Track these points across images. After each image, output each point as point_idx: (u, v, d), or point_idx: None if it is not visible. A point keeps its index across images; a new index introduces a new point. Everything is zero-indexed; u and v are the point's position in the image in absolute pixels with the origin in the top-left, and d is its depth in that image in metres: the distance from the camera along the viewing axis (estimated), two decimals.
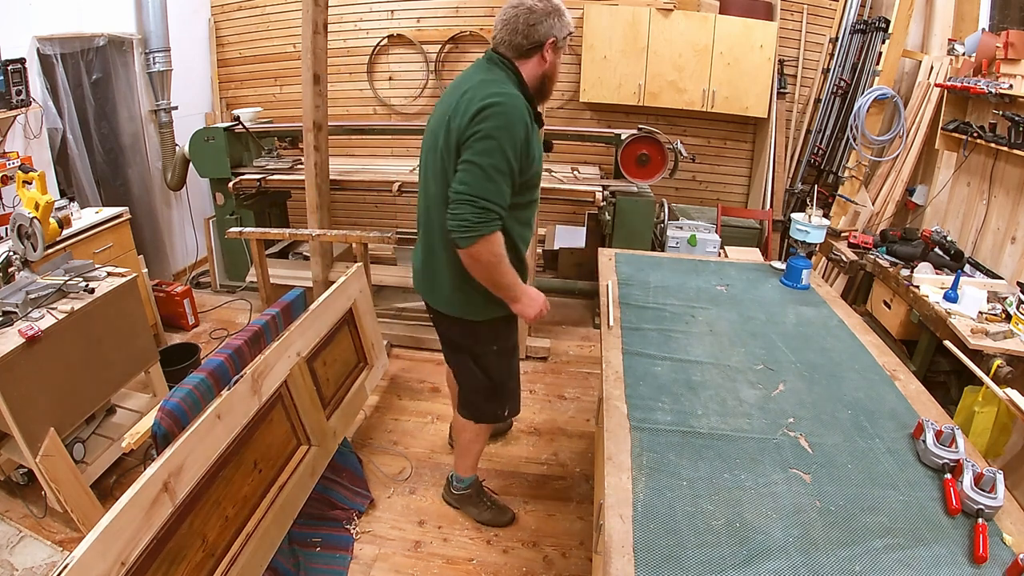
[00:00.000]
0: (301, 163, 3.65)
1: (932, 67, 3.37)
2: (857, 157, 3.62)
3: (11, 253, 2.25)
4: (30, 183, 2.34)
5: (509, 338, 1.85)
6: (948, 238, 2.86)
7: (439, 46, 4.41)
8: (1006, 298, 2.32)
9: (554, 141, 4.16)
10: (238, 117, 3.80)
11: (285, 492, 1.83)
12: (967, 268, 2.78)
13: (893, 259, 2.96)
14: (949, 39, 3.26)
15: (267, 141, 4.00)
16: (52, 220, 2.35)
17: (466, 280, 1.61)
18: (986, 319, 2.24)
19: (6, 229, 2.35)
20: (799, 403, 1.41)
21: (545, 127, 2.09)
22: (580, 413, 2.84)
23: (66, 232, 2.73)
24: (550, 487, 2.36)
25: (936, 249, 2.85)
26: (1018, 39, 2.45)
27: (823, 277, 3.56)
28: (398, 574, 1.96)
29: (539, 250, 4.06)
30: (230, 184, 3.62)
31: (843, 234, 3.47)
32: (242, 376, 1.68)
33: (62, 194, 3.16)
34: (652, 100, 4.07)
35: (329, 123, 3.13)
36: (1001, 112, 2.60)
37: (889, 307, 2.86)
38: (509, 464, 2.48)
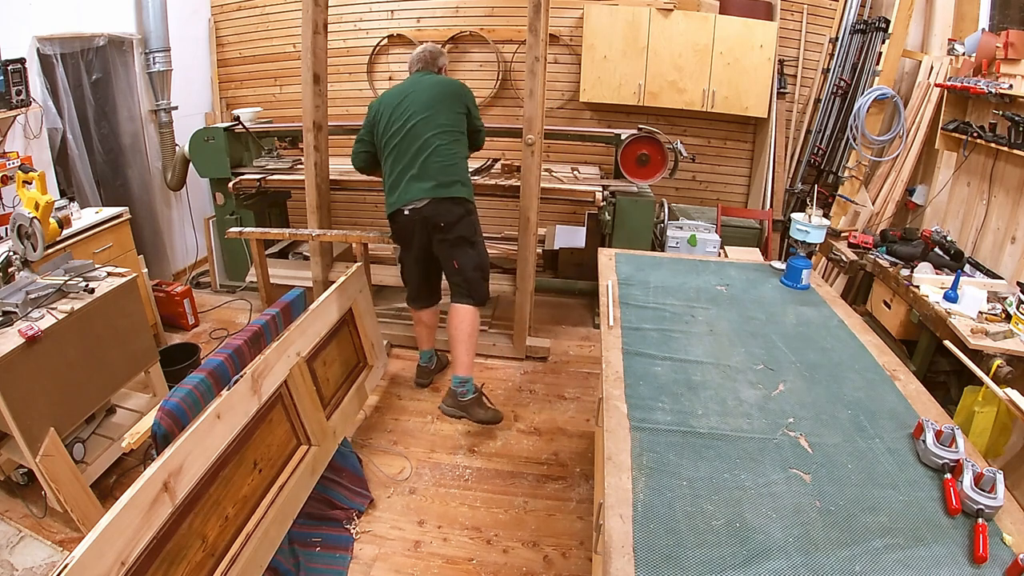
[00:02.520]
0: (301, 163, 3.65)
1: (932, 67, 3.37)
2: (857, 157, 3.62)
3: (11, 253, 2.25)
4: (30, 183, 2.34)
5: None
6: (948, 238, 2.86)
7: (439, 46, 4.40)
8: (1006, 298, 2.32)
9: (554, 141, 4.19)
10: (238, 117, 3.80)
11: (285, 492, 1.83)
12: (967, 268, 2.78)
13: (893, 259, 2.96)
14: (949, 39, 3.26)
15: (267, 141, 4.00)
16: (52, 220, 2.35)
17: (466, 172, 2.61)
18: (986, 319, 2.24)
19: (6, 229, 2.35)
20: (799, 403, 1.41)
21: (545, 127, 2.58)
22: (580, 413, 2.84)
23: (66, 232, 2.73)
24: (550, 487, 2.36)
25: (936, 249, 2.85)
26: (1018, 39, 2.45)
27: (823, 277, 3.57)
28: (398, 574, 1.96)
29: (539, 250, 4.06)
30: (230, 184, 3.62)
31: (843, 234, 3.46)
32: (242, 376, 1.68)
33: (62, 194, 3.16)
34: (652, 100, 4.06)
35: (329, 123, 3.13)
36: (1001, 112, 2.60)
37: (889, 307, 2.86)
38: (509, 464, 2.48)
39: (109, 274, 2.31)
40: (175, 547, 1.39)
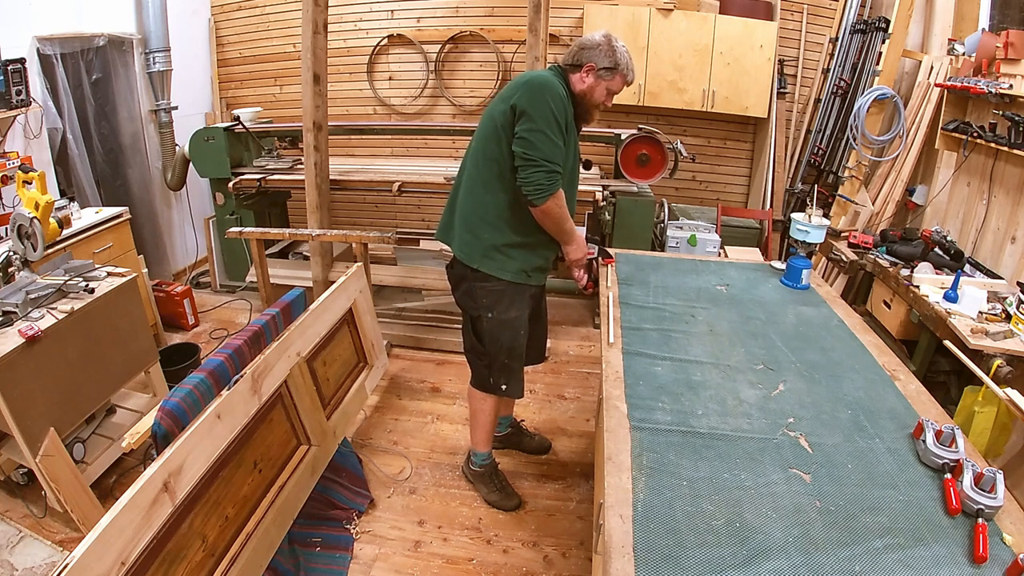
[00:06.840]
0: (301, 163, 3.65)
1: (932, 67, 3.37)
2: (857, 157, 3.62)
3: (11, 253, 2.25)
4: (30, 183, 2.34)
5: (507, 309, 1.93)
6: (948, 238, 2.86)
7: (439, 46, 4.40)
8: (1006, 298, 2.32)
9: None
10: (238, 117, 3.80)
11: (285, 492, 1.83)
12: (967, 268, 2.78)
13: (893, 259, 2.96)
14: (949, 39, 3.26)
15: (267, 141, 4.00)
16: (52, 220, 2.35)
17: (473, 226, 1.86)
18: (986, 319, 2.24)
19: (6, 229, 2.34)
20: (799, 403, 1.41)
21: None
22: (580, 413, 2.84)
23: (66, 232, 2.73)
24: (550, 487, 2.36)
25: (936, 249, 2.85)
26: (1018, 39, 2.45)
27: (823, 277, 3.56)
28: (398, 574, 1.96)
29: None
30: (230, 184, 3.62)
31: (843, 234, 3.47)
32: (242, 376, 1.68)
33: (62, 194, 3.16)
34: (652, 100, 4.07)
35: (329, 123, 3.13)
36: (1001, 112, 2.60)
37: (889, 307, 2.86)
38: (509, 464, 2.47)
39: (109, 274, 2.31)
40: (175, 547, 1.39)
